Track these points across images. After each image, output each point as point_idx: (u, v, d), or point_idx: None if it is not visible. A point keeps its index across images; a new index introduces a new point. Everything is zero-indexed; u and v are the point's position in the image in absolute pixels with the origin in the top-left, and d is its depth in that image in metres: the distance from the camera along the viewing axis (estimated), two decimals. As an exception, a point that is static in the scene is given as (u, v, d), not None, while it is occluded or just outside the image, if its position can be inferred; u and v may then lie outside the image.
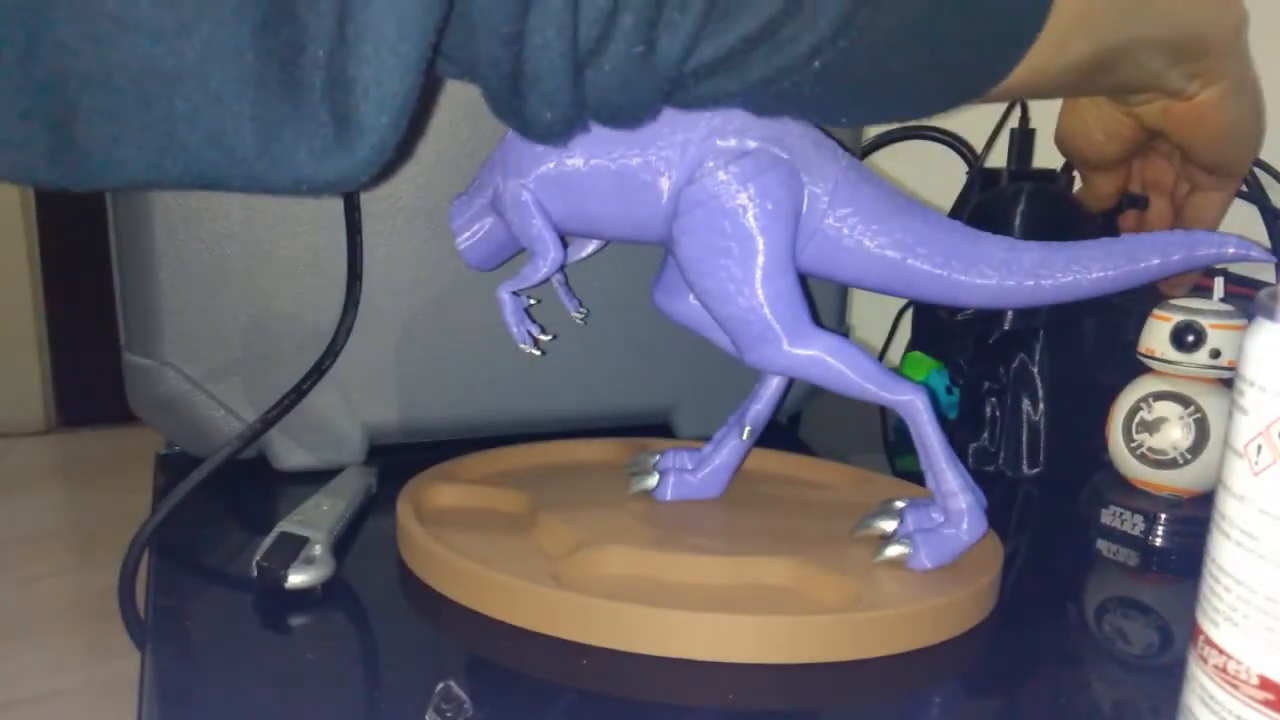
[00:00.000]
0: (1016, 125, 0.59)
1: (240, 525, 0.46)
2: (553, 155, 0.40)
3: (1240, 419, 0.25)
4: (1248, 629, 0.24)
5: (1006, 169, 0.59)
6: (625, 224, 0.41)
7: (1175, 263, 0.38)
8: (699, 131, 0.39)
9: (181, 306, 0.48)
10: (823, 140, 0.40)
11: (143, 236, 0.47)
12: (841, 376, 0.39)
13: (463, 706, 0.31)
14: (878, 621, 0.35)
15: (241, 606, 0.38)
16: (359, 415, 0.51)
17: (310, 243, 0.49)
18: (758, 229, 0.38)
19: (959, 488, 0.39)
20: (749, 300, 0.38)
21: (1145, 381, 0.48)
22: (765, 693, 0.33)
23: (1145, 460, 0.47)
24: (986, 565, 0.39)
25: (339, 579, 0.40)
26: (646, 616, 0.35)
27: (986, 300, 0.39)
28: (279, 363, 0.50)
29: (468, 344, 0.53)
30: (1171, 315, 0.46)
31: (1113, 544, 0.47)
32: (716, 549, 0.40)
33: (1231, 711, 0.25)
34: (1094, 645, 0.37)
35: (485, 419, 0.54)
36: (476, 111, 0.50)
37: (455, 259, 0.51)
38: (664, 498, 0.45)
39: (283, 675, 0.33)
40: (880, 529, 0.41)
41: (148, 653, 0.35)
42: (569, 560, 0.39)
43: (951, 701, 0.33)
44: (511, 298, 0.43)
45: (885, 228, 0.39)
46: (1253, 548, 0.24)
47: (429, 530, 0.41)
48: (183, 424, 0.50)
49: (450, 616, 0.37)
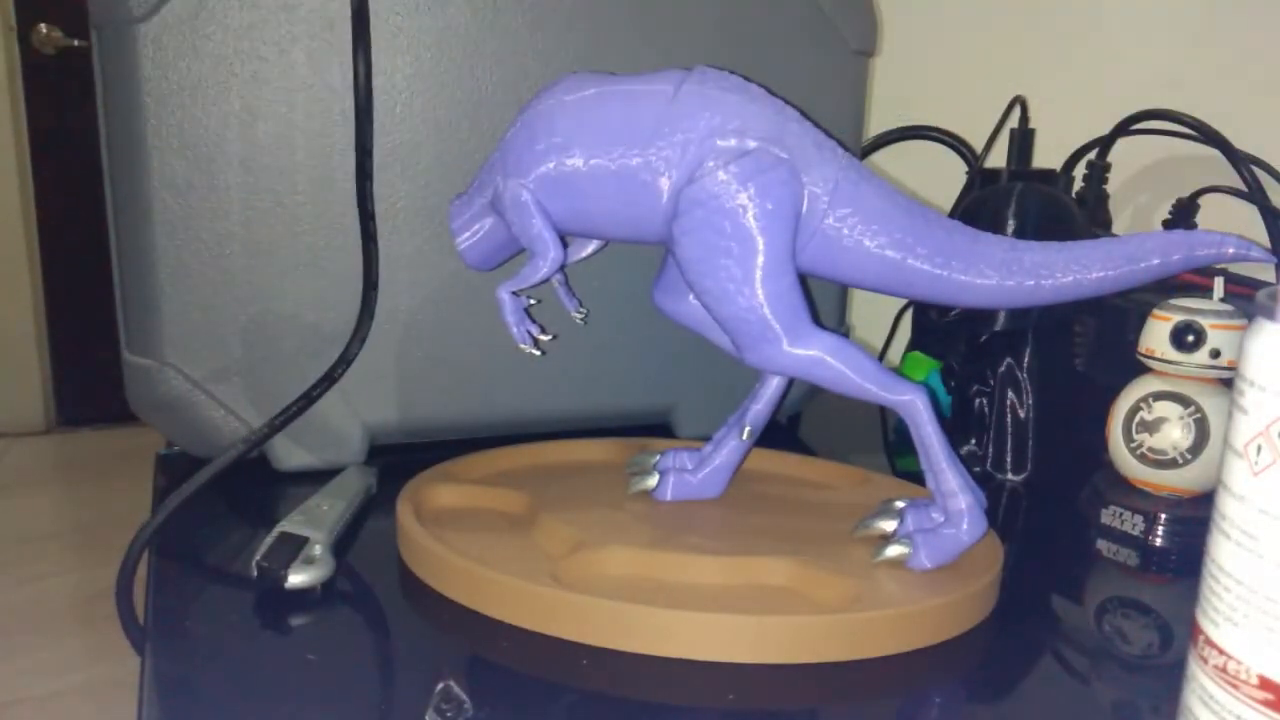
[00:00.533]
0: (1016, 125, 0.59)
1: (240, 525, 0.46)
2: (553, 155, 0.40)
3: (1240, 419, 0.25)
4: (1248, 629, 0.24)
5: (1006, 169, 0.59)
6: (625, 224, 0.41)
7: (1175, 263, 0.38)
8: (699, 131, 0.39)
9: (181, 306, 0.48)
10: (823, 140, 0.40)
11: (143, 236, 0.47)
12: (841, 376, 0.39)
13: (463, 706, 0.31)
14: (878, 621, 0.35)
15: (241, 606, 0.38)
16: (359, 415, 0.52)
17: (310, 243, 0.49)
18: (758, 229, 0.38)
19: (959, 488, 0.39)
20: (749, 300, 0.38)
21: (1145, 381, 0.48)
22: (765, 693, 0.33)
23: (1145, 460, 0.47)
24: (986, 565, 0.39)
25: (339, 579, 0.40)
26: (646, 616, 0.35)
27: (987, 300, 0.39)
28: (279, 363, 0.50)
29: (468, 344, 0.53)
30: (1171, 315, 0.46)
31: (1113, 544, 0.47)
32: (716, 549, 0.40)
33: (1231, 711, 0.25)
34: (1094, 645, 0.37)
35: (485, 419, 0.54)
36: (476, 111, 0.51)
37: (455, 259, 0.51)
38: (664, 498, 0.45)
39: (283, 675, 0.33)
40: (880, 529, 0.41)
41: (148, 653, 0.35)
42: (569, 560, 0.39)
43: (951, 701, 0.33)
44: (511, 298, 0.43)
45: (885, 228, 0.39)
46: (1252, 548, 0.24)
47: (429, 530, 0.41)
48: (183, 424, 0.50)
49: (450, 616, 0.37)
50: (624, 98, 0.40)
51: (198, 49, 0.46)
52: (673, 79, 0.40)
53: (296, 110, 0.48)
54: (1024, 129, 0.59)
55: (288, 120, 0.48)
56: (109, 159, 0.48)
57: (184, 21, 0.45)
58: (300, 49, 0.47)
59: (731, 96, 0.39)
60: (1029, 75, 0.76)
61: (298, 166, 0.48)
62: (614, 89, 0.40)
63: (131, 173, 0.47)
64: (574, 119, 0.40)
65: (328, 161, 0.49)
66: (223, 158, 0.47)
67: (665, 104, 0.39)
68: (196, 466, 0.43)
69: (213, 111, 0.47)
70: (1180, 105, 0.62)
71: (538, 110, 0.41)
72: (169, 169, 0.47)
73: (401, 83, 0.49)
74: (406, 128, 0.49)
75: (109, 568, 1.78)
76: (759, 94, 0.40)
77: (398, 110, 0.49)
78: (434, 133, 0.50)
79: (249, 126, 0.47)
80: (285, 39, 0.47)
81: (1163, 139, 0.64)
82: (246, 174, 0.48)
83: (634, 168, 0.39)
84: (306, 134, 0.48)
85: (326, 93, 0.48)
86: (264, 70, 0.47)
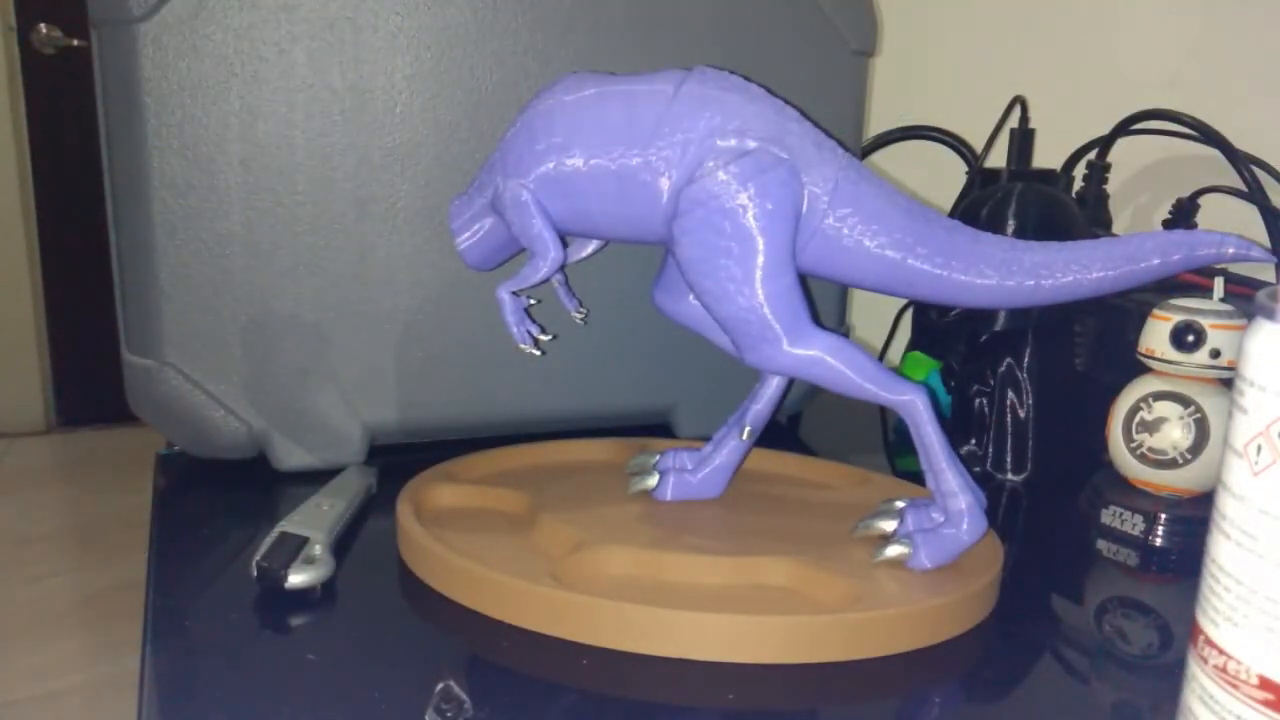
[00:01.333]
0: (1016, 125, 0.59)
1: (240, 525, 0.46)
2: (553, 155, 0.40)
3: (1240, 419, 0.25)
4: (1248, 629, 0.24)
5: (1006, 169, 0.59)
6: (625, 224, 0.41)
7: (1175, 262, 0.38)
8: (699, 131, 0.39)
9: (181, 306, 0.48)
10: (823, 140, 0.40)
11: (143, 236, 0.47)
12: (842, 376, 0.39)
13: (463, 706, 0.31)
14: (878, 621, 0.35)
15: (241, 606, 0.38)
16: (359, 415, 0.52)
17: (310, 243, 0.49)
18: (757, 229, 0.38)
19: (959, 488, 0.39)
20: (749, 300, 0.38)
21: (1145, 381, 0.48)
22: (765, 693, 0.33)
23: (1145, 460, 0.47)
24: (986, 565, 0.39)
25: (339, 579, 0.40)
26: (646, 616, 0.35)
27: (987, 300, 0.39)
28: (279, 363, 0.50)
29: (468, 344, 0.53)
30: (1171, 315, 0.46)
31: (1113, 544, 0.47)
32: (716, 549, 0.40)
33: (1231, 711, 0.25)
34: (1094, 645, 0.37)
35: (485, 419, 0.54)
36: (476, 111, 0.51)
37: (455, 259, 0.51)
38: (664, 498, 0.45)
39: (283, 675, 0.33)
40: (880, 529, 0.41)
41: (148, 653, 0.35)
42: (569, 560, 0.39)
43: (951, 701, 0.33)
44: (511, 298, 0.43)
45: (885, 228, 0.39)
46: (1252, 548, 0.24)
47: (429, 530, 0.41)
48: (183, 424, 0.50)
49: (450, 616, 0.37)
50: (624, 98, 0.40)
51: (198, 49, 0.46)
52: (673, 79, 0.40)
53: (296, 110, 0.48)
54: (1024, 129, 0.59)
55: (288, 120, 0.48)
56: (109, 159, 0.48)
57: (184, 21, 0.45)
58: (300, 49, 0.47)
59: (732, 96, 0.39)
60: (1029, 75, 0.76)
61: (298, 166, 0.48)
62: (614, 89, 0.40)
63: (131, 173, 0.47)
64: (574, 119, 0.40)
65: (328, 161, 0.49)
66: (223, 158, 0.47)
67: (665, 104, 0.39)
68: (196, 466, 0.43)
69: (213, 111, 0.47)
70: (1180, 105, 0.62)
71: (538, 110, 0.41)
72: (169, 169, 0.47)
73: (401, 83, 0.49)
74: (406, 128, 0.49)
75: (109, 568, 1.78)
76: (759, 94, 0.40)
77: (398, 110, 0.49)
78: (434, 133, 0.50)
79: (249, 126, 0.47)
80: (285, 39, 0.47)
81: (1163, 139, 0.64)
82: (246, 174, 0.48)
83: (634, 168, 0.39)
84: (306, 134, 0.48)
85: (326, 93, 0.48)
86: (264, 70, 0.47)
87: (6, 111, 2.34)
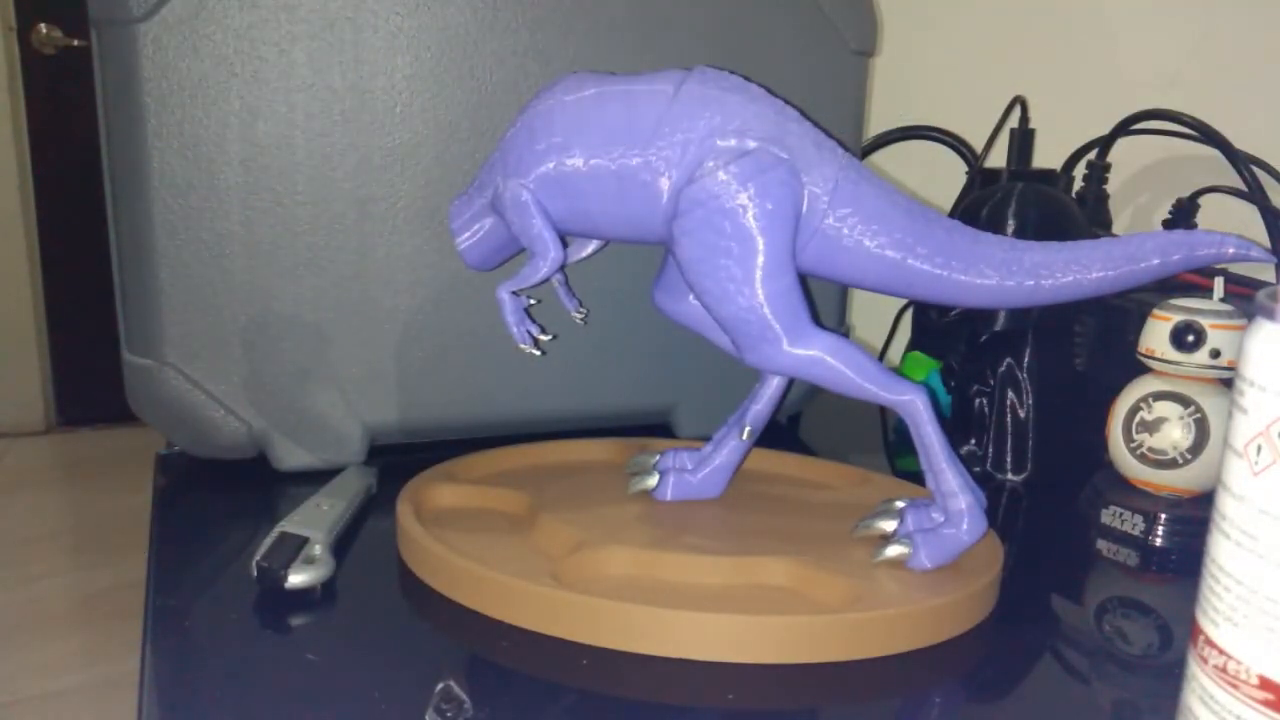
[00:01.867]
0: (1016, 125, 0.59)
1: (240, 525, 0.46)
2: (553, 155, 0.40)
3: (1240, 419, 0.25)
4: (1248, 629, 0.24)
5: (1006, 169, 0.59)
6: (625, 224, 0.41)
7: (1175, 262, 0.38)
8: (699, 131, 0.39)
9: (181, 306, 0.48)
10: (823, 140, 0.40)
11: (143, 236, 0.47)
12: (841, 376, 0.39)
13: (463, 706, 0.31)
14: (878, 621, 0.35)
15: (241, 606, 0.38)
16: (359, 415, 0.52)
17: (310, 243, 0.49)
18: (757, 229, 0.38)
19: (959, 488, 0.39)
20: (749, 300, 0.38)
21: (1145, 381, 0.48)
22: (765, 693, 0.33)
23: (1145, 460, 0.47)
24: (986, 565, 0.39)
25: (339, 579, 0.40)
26: (646, 616, 0.35)
27: (987, 300, 0.39)
28: (279, 363, 0.50)
29: (468, 344, 0.53)
30: (1171, 315, 0.46)
31: (1113, 544, 0.47)
32: (716, 549, 0.40)
33: (1231, 711, 0.25)
34: (1094, 645, 0.37)
35: (485, 419, 0.54)
36: (476, 111, 0.51)
37: (455, 259, 0.51)
38: (664, 498, 0.45)
39: (283, 675, 0.33)
40: (880, 529, 0.41)
41: (148, 653, 0.35)
42: (569, 560, 0.39)
43: (951, 701, 0.33)
44: (511, 298, 0.43)
45: (885, 228, 0.39)
46: (1252, 548, 0.24)
47: (429, 530, 0.41)
48: (183, 424, 0.50)
49: (450, 616, 0.37)
50: (624, 98, 0.40)
51: (198, 49, 0.46)
52: (673, 79, 0.40)
53: (296, 110, 0.48)
54: (1024, 129, 0.59)
55: (288, 120, 0.48)
56: (109, 159, 0.48)
57: (184, 21, 0.45)
58: (300, 49, 0.47)
59: (732, 96, 0.39)
60: (1029, 75, 0.76)
61: (298, 166, 0.48)
62: (614, 89, 0.40)
63: (131, 173, 0.47)
64: (574, 119, 0.40)
65: (328, 161, 0.49)
66: (223, 158, 0.47)
67: (665, 104, 0.39)
68: (196, 466, 0.43)
69: (213, 111, 0.47)
70: (1180, 105, 0.62)
71: (538, 110, 0.41)
72: (169, 169, 0.47)
73: (401, 83, 0.49)
74: (406, 128, 0.49)
75: (108, 568, 1.78)
76: (759, 94, 0.40)
77: (398, 110, 0.49)
78: (434, 133, 0.50)
79: (249, 126, 0.47)
80: (285, 39, 0.47)
81: (1163, 139, 0.64)
82: (246, 174, 0.48)
83: (634, 168, 0.39)
84: (306, 134, 0.48)
85: (326, 93, 0.48)
86: (264, 70, 0.47)
87: (6, 111, 2.34)
